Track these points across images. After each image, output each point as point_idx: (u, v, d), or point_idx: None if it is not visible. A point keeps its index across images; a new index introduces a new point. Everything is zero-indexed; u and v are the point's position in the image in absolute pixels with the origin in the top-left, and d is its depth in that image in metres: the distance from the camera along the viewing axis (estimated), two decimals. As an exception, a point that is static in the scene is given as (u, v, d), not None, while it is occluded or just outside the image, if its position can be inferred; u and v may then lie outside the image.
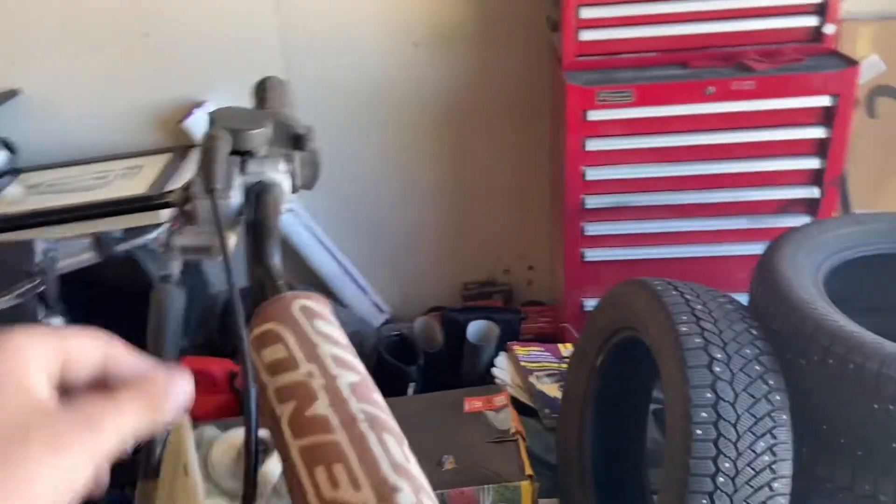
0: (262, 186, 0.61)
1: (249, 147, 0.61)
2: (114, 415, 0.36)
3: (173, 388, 0.39)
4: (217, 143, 0.57)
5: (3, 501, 0.31)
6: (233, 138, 0.59)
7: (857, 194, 2.32)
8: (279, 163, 0.63)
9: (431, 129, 2.45)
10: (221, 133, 0.59)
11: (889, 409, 1.12)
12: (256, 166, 0.62)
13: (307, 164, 0.66)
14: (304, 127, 0.65)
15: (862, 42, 2.18)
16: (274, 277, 0.53)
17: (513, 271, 2.71)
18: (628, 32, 1.89)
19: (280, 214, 0.59)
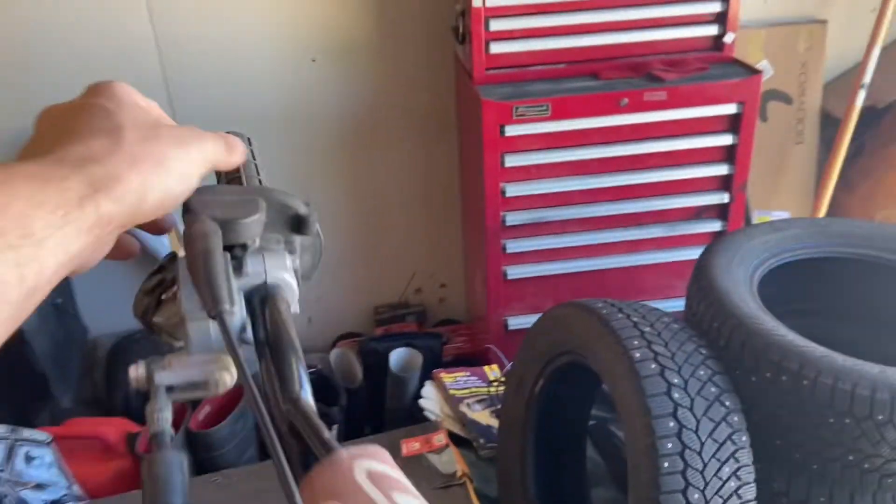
0: (266, 291, 0.48)
1: (244, 240, 0.47)
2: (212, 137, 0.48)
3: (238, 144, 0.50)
4: (212, 244, 0.44)
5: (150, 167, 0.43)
6: (222, 230, 0.46)
7: (752, 197, 2.41)
8: (284, 256, 0.49)
9: (335, 147, 2.32)
10: (212, 227, 0.45)
11: (844, 422, 1.12)
12: (256, 264, 0.48)
13: (307, 250, 0.53)
14: (304, 204, 0.51)
15: (753, 48, 2.26)
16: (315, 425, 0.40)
17: (425, 290, 2.62)
18: (538, 44, 1.85)
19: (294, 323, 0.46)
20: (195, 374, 0.44)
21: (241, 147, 0.51)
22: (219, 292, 0.41)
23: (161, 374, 0.44)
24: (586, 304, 1.36)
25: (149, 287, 0.51)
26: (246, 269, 0.47)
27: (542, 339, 1.50)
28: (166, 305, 0.51)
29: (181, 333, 0.50)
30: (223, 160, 0.49)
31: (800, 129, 2.37)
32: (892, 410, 1.08)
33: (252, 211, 0.47)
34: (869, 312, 1.56)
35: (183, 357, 0.45)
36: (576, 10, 1.82)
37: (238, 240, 0.47)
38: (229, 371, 0.44)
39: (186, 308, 0.44)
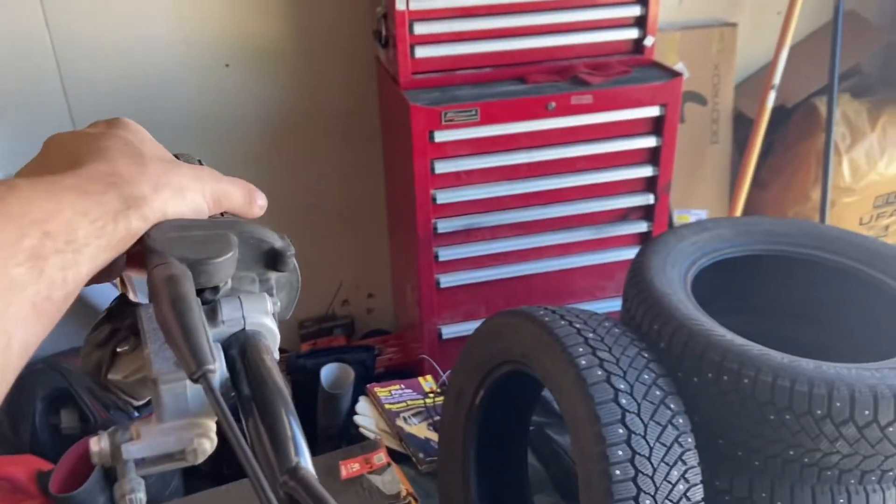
0: (246, 339, 0.41)
1: (216, 282, 0.41)
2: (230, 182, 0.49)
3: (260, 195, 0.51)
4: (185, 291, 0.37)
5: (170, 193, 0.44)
6: (191, 272, 0.39)
7: (672, 197, 2.46)
8: (263, 298, 0.43)
9: (252, 155, 2.22)
10: (182, 269, 0.38)
11: (784, 418, 1.14)
12: (232, 310, 0.41)
13: (283, 287, 0.47)
14: (279, 238, 0.45)
15: (669, 51, 2.31)
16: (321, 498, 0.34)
17: (352, 301, 2.55)
18: (464, 48, 1.82)
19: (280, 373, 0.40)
20: (170, 444, 0.38)
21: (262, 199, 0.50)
22: (200, 350, 0.34)
23: (130, 448, 0.37)
24: (527, 311, 1.33)
25: (100, 339, 0.44)
26: (221, 316, 0.41)
27: (481, 349, 1.47)
28: (122, 360, 0.44)
29: (144, 393, 0.43)
30: (240, 208, 0.49)
31: (714, 130, 2.45)
32: (829, 405, 1.10)
33: (224, 249, 0.40)
34: (795, 307, 1.61)
35: (153, 425, 0.38)
36: (501, 14, 1.80)
37: (209, 282, 0.40)
38: (209, 437, 0.38)
39: (158, 369, 0.38)
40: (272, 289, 0.45)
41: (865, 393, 1.10)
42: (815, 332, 1.59)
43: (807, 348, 1.35)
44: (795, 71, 2.28)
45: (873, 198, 2.37)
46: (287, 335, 2.49)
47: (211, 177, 0.48)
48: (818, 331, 1.59)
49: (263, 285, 0.45)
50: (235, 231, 0.42)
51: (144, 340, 0.39)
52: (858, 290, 1.50)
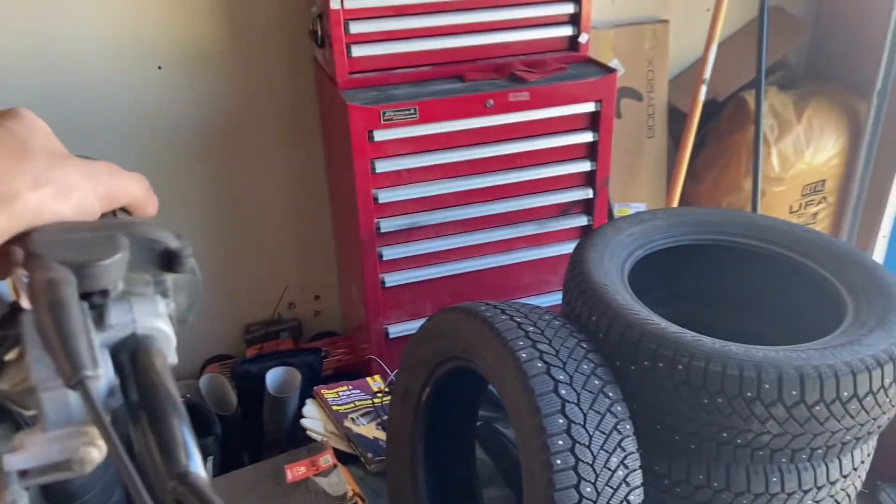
0: (137, 343, 0.40)
1: (104, 285, 0.40)
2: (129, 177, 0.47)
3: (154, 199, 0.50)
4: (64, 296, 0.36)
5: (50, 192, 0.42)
6: (76, 277, 0.38)
7: (611, 190, 2.52)
8: (155, 300, 0.42)
9: (190, 158, 2.18)
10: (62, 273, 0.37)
11: (717, 401, 1.18)
12: (122, 313, 0.40)
13: (181, 290, 0.46)
14: (174, 237, 0.44)
15: (604, 48, 2.35)
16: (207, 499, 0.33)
17: (298, 304, 2.53)
18: (401, 47, 1.83)
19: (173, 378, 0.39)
20: (55, 454, 0.37)
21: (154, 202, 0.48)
22: (77, 356, 0.34)
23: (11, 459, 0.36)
24: (469, 307, 1.35)
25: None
26: (109, 321, 0.40)
27: (425, 347, 1.48)
28: (11, 368, 0.43)
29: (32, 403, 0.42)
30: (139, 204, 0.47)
31: (651, 124, 2.51)
32: (758, 387, 1.14)
33: (112, 250, 0.40)
34: (728, 294, 1.67)
35: (37, 434, 0.37)
36: (437, 12, 1.81)
37: (97, 286, 0.39)
38: (97, 445, 0.38)
39: (37, 377, 0.37)
40: (168, 291, 0.45)
41: (792, 374, 1.15)
42: (747, 318, 1.64)
43: (739, 333, 1.40)
44: (725, 65, 2.35)
45: (801, 186, 2.46)
46: (232, 340, 2.46)
47: (105, 173, 0.45)
48: (750, 316, 1.64)
49: (158, 287, 0.44)
50: (127, 232, 0.42)
51: (25, 347, 0.39)
52: (787, 276, 1.56)
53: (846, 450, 1.25)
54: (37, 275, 0.37)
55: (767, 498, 1.25)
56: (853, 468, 1.31)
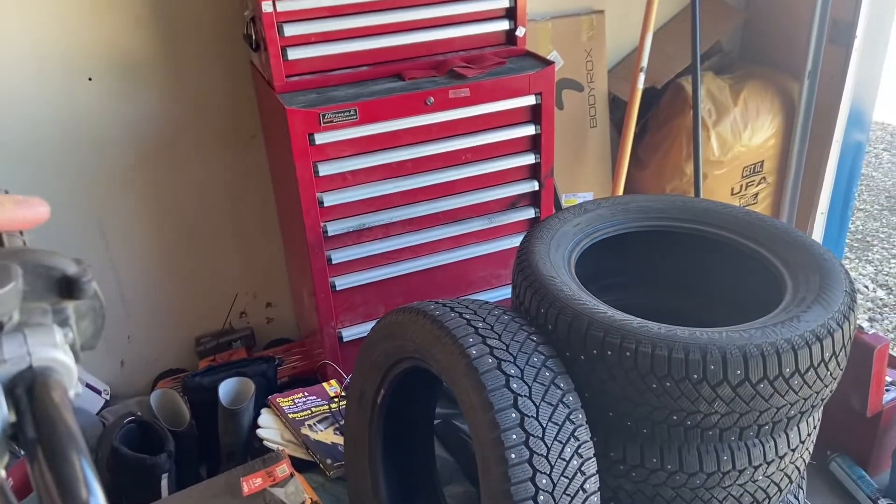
0: (33, 377, 0.39)
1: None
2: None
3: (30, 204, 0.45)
4: None
5: None
6: None
7: (558, 181, 2.54)
8: (51, 330, 0.40)
9: (128, 170, 2.13)
10: None
11: (665, 385, 1.19)
12: (15, 346, 0.38)
13: (84, 316, 0.44)
14: (73, 263, 0.42)
15: (542, 40, 2.37)
16: None
17: (250, 313, 2.49)
18: (338, 48, 1.81)
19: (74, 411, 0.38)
20: None
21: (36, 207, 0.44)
22: None
23: None
24: (418, 307, 1.34)
25: None
26: (2, 355, 0.38)
27: (378, 348, 1.47)
28: None
29: None
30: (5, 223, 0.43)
31: (592, 114, 2.54)
32: (704, 369, 1.16)
33: (3, 280, 0.38)
34: (673, 279, 1.70)
35: None
36: (372, 11, 1.80)
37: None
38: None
39: None
40: (68, 319, 0.43)
41: (736, 354, 1.17)
42: (693, 301, 1.67)
43: (685, 317, 1.43)
44: (661, 53, 2.39)
45: (741, 168, 2.52)
46: (184, 353, 2.41)
47: None
48: (696, 299, 1.68)
49: (58, 315, 0.42)
50: (18, 260, 0.40)
51: None
52: (728, 258, 1.59)
53: (792, 424, 1.28)
54: None
55: (720, 476, 1.28)
56: (800, 441, 1.34)
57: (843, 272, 1.39)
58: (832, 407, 1.45)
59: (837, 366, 1.26)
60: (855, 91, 2.41)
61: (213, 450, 1.83)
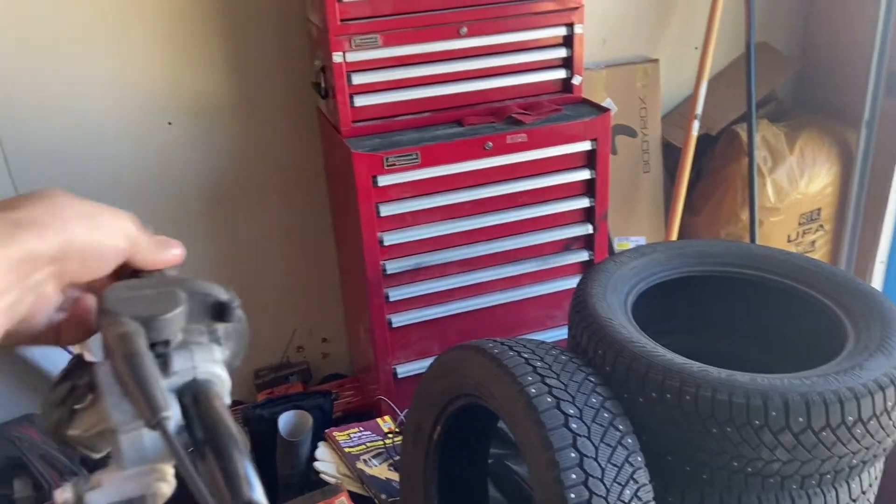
0: (197, 387, 0.44)
1: (167, 336, 0.44)
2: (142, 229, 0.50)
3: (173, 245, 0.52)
4: (139, 346, 0.40)
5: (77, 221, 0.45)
6: (144, 328, 0.42)
7: (611, 225, 2.56)
8: (212, 348, 0.46)
9: (198, 209, 2.23)
10: (134, 327, 0.41)
11: (726, 430, 1.20)
12: (184, 361, 0.44)
13: (230, 337, 0.50)
14: (224, 290, 0.48)
15: (596, 88, 2.42)
16: None
17: (306, 347, 2.56)
18: (402, 95, 1.89)
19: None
20: (130, 490, 0.41)
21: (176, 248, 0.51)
22: (155, 400, 0.38)
23: (93, 496, 0.40)
24: (477, 345, 1.38)
25: (58, 398, 0.47)
26: (173, 368, 0.44)
27: (436, 385, 1.50)
28: (81, 416, 0.47)
29: (102, 445, 0.45)
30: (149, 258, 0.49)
31: (646, 160, 2.56)
32: (765, 415, 1.17)
33: (173, 305, 0.44)
34: (730, 324, 1.70)
35: (114, 473, 0.41)
36: (436, 61, 1.88)
37: (161, 337, 0.43)
38: (167, 481, 0.41)
39: (117, 420, 0.41)
40: (220, 339, 0.49)
41: (798, 401, 1.17)
42: (749, 347, 1.67)
43: (743, 363, 1.43)
44: (716, 100, 2.42)
45: (798, 215, 2.51)
46: (243, 386, 2.48)
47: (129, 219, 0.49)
48: (752, 345, 1.67)
49: (212, 336, 0.48)
50: (183, 287, 0.46)
51: (102, 394, 0.42)
52: (788, 305, 1.59)
53: (854, 473, 1.26)
54: (111, 329, 0.41)
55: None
56: (862, 492, 1.32)
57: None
58: (893, 459, 1.42)
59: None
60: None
61: (270, 480, 1.87)
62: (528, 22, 1.90)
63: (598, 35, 2.40)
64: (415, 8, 1.81)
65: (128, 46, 2.01)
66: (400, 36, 1.81)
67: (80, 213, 0.45)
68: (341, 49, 1.77)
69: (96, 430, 0.46)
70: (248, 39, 2.11)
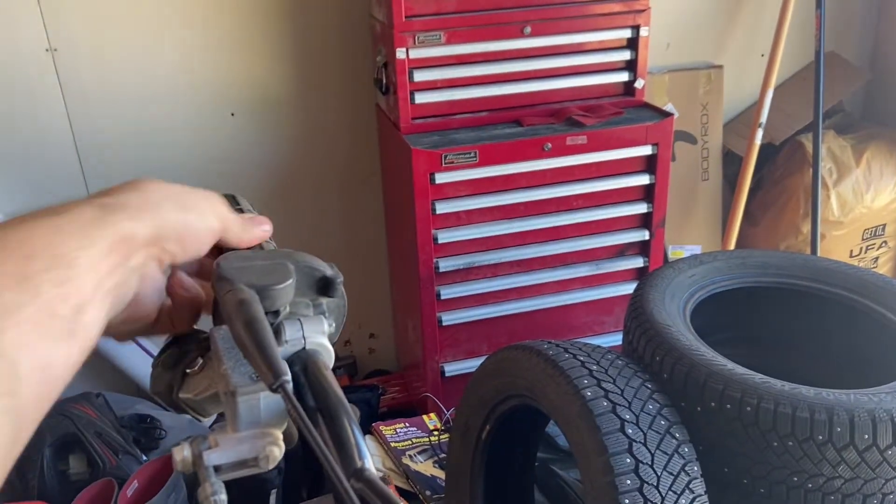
0: (307, 356, 0.45)
1: (278, 306, 0.45)
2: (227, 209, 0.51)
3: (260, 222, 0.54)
4: (258, 313, 0.41)
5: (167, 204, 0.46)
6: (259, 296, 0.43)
7: (666, 232, 2.52)
8: (320, 321, 0.47)
9: (256, 199, 2.26)
10: (251, 294, 0.42)
11: (787, 444, 1.17)
12: (294, 331, 0.45)
13: (332, 311, 0.50)
14: (329, 267, 0.49)
15: (657, 92, 2.39)
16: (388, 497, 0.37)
17: (354, 342, 2.58)
18: (462, 93, 1.89)
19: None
20: (245, 451, 0.41)
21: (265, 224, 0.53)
22: (276, 363, 0.38)
23: (210, 455, 0.41)
24: (532, 346, 1.36)
25: (169, 362, 0.48)
26: (284, 336, 0.45)
27: (487, 384, 1.50)
28: (192, 379, 0.48)
29: (212, 408, 0.46)
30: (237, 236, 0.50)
31: (705, 167, 2.52)
32: (830, 430, 1.13)
33: (285, 276, 0.45)
34: (791, 337, 1.65)
35: (229, 435, 0.42)
36: (496, 60, 1.87)
37: (273, 307, 0.44)
38: (279, 445, 0.42)
39: (237, 382, 0.41)
40: (324, 312, 0.49)
41: (864, 417, 1.14)
42: (811, 361, 1.62)
43: (804, 377, 1.39)
44: (781, 109, 2.36)
45: (862, 230, 2.43)
46: (289, 377, 2.51)
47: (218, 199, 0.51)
48: (814, 359, 1.62)
49: (317, 309, 0.49)
50: (292, 260, 0.47)
51: (220, 358, 0.43)
52: (852, 319, 1.54)
53: (920, 497, 1.22)
54: (229, 295, 0.42)
55: (839, 545, 1.22)
56: (928, 516, 1.27)
57: (982, 342, 1.32)
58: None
59: (974, 440, 1.19)
60: None
61: (316, 472, 1.89)
62: (594, 23, 1.89)
63: (663, 39, 2.37)
64: (479, 6, 1.81)
65: (193, 39, 2.06)
66: (463, 34, 1.82)
67: (170, 195, 0.46)
68: (405, 45, 1.78)
69: (208, 394, 0.47)
70: (311, 34, 2.14)
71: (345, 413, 0.41)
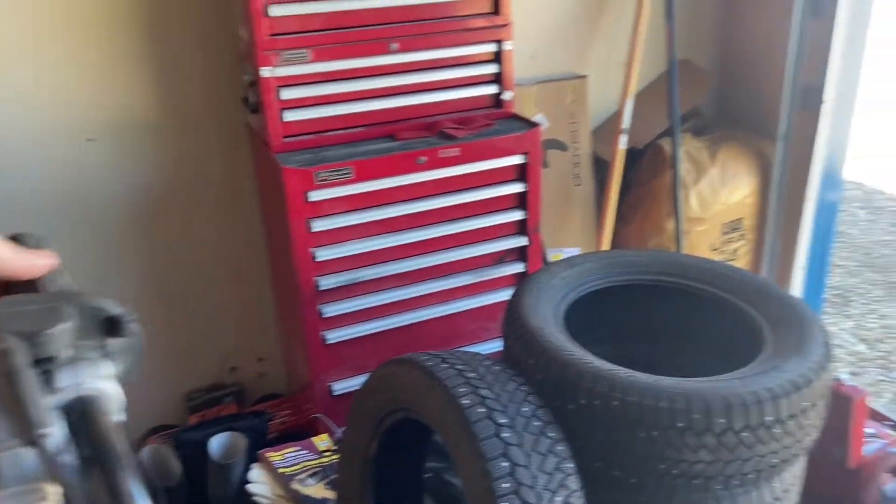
0: (84, 403, 0.43)
1: (52, 352, 0.42)
2: None
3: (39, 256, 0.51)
4: (18, 363, 0.39)
5: None
6: (28, 344, 0.40)
7: (544, 237, 2.60)
8: (100, 364, 0.44)
9: (125, 228, 2.17)
10: (14, 343, 0.40)
11: (652, 434, 1.23)
12: (69, 377, 0.43)
13: (125, 352, 0.48)
14: (115, 306, 0.47)
15: (527, 103, 2.47)
16: None
17: (240, 368, 2.50)
18: (333, 110, 1.88)
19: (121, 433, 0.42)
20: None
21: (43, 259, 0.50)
22: (33, 416, 0.37)
23: None
24: (409, 358, 1.38)
25: None
26: (58, 384, 0.43)
27: (370, 400, 1.49)
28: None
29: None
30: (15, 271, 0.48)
31: (577, 173, 2.62)
32: (688, 418, 1.20)
33: (58, 320, 0.43)
34: (657, 330, 1.74)
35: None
36: (367, 76, 1.88)
37: (45, 353, 0.42)
38: (49, 499, 0.40)
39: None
40: (112, 354, 0.48)
41: (718, 403, 1.22)
42: (678, 353, 1.72)
43: (669, 369, 1.47)
44: (641, 116, 2.49)
45: (721, 225, 2.61)
46: (174, 409, 2.41)
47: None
48: (681, 351, 1.72)
49: (103, 351, 0.47)
50: (75, 303, 0.45)
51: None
52: (711, 311, 1.65)
53: (776, 472, 1.31)
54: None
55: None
56: (784, 490, 1.37)
57: (820, 325, 1.44)
58: (816, 459, 1.48)
59: (817, 415, 1.30)
60: (826, 153, 2.52)
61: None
62: (458, 38, 1.93)
63: (528, 51, 2.45)
64: (345, 23, 1.82)
65: (44, 58, 1.95)
66: (329, 51, 1.81)
67: None
68: (270, 64, 1.76)
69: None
70: (176, 54, 2.07)
71: (118, 462, 0.40)
